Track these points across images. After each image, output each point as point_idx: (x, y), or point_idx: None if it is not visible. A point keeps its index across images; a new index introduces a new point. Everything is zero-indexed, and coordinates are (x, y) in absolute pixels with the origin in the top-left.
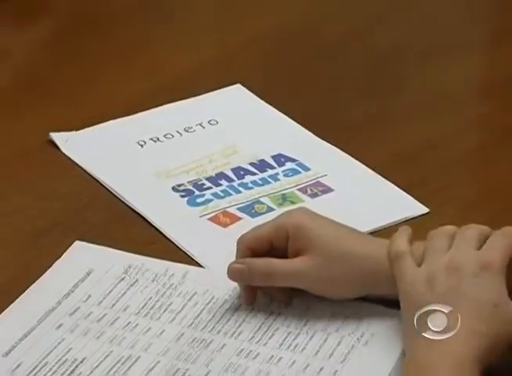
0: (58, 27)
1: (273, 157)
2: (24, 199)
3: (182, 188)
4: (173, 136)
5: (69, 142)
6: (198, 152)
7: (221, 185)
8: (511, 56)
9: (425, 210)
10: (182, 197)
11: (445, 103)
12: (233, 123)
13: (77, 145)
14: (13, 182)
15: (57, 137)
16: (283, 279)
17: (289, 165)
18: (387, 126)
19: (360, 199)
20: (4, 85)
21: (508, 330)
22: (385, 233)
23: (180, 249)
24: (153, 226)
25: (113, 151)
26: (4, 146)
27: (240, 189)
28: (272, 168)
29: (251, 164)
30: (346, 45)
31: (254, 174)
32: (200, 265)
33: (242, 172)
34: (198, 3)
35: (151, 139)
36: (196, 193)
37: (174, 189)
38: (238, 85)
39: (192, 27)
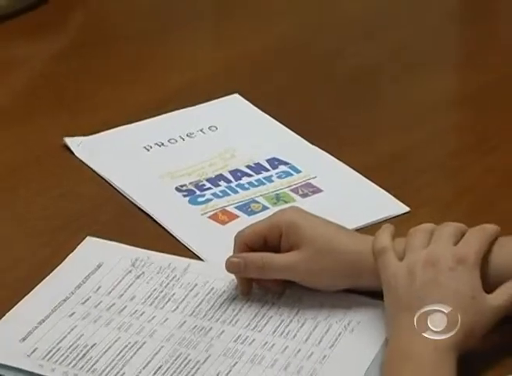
0: (74, 41)
1: (268, 160)
2: (40, 199)
3: (184, 188)
4: (176, 141)
5: (81, 147)
6: (199, 155)
7: (220, 185)
8: (481, 69)
9: (406, 209)
10: (185, 196)
11: (421, 112)
12: (231, 129)
13: (89, 149)
14: (30, 183)
15: (71, 142)
16: (277, 272)
17: (282, 168)
18: (372, 133)
19: (347, 199)
20: (22, 93)
21: (482, 319)
22: (369, 230)
23: (182, 244)
24: (158, 223)
25: (122, 155)
26: (21, 150)
27: (238, 189)
28: (267, 170)
29: (248, 166)
30: (332, 62)
31: (250, 176)
32: (200, 259)
33: (239, 174)
34: (199, 23)
35: (156, 143)
36: (198, 193)
37: (177, 189)
38: (236, 95)
39: (194, 43)
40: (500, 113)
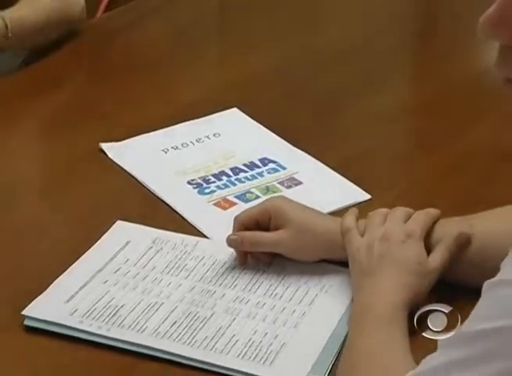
0: (106, 68)
1: (260, 159)
2: (81, 191)
3: (194, 182)
4: (188, 145)
5: (114, 150)
6: (206, 156)
7: (222, 180)
8: (428, 84)
9: (368, 197)
10: (194, 188)
11: (381, 120)
12: (231, 135)
13: (120, 152)
14: (73, 178)
15: (105, 146)
16: (266, 246)
17: (271, 165)
18: (341, 138)
19: (321, 189)
20: (66, 109)
21: (427, 281)
22: (339, 213)
23: (192, 226)
24: (174, 210)
25: (145, 156)
26: (66, 153)
27: (236, 182)
28: (259, 167)
29: (244, 164)
30: (311, 82)
31: (246, 172)
32: (207, 237)
33: (237, 170)
34: (204, 51)
35: (172, 147)
36: (205, 185)
37: (188, 183)
38: (235, 109)
39: (200, 68)
40: (444, 120)
